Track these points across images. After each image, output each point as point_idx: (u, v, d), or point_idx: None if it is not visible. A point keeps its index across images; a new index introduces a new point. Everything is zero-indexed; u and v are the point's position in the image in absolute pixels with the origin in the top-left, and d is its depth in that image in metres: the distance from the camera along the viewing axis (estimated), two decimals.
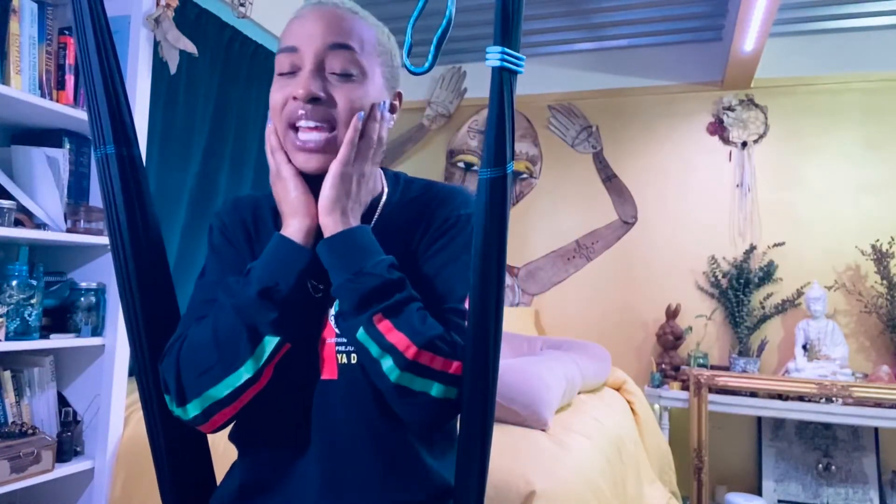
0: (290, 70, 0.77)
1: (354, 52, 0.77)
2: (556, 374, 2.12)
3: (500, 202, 0.68)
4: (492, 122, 0.68)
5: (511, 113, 0.68)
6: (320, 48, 0.76)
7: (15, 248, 1.72)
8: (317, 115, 0.75)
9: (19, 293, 1.61)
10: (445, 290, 0.78)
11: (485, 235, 0.68)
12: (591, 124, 3.52)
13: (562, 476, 1.55)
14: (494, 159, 0.68)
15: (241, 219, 0.87)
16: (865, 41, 3.07)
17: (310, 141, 0.76)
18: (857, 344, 3.00)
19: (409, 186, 0.89)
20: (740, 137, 3.24)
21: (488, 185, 0.68)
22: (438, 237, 0.81)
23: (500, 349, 0.70)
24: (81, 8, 0.74)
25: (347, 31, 0.77)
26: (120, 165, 0.74)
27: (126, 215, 0.74)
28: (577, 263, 3.49)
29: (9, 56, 1.61)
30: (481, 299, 0.68)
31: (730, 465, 3.09)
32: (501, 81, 0.67)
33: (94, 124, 0.74)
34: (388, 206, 0.85)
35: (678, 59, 3.36)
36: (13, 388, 1.66)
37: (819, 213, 3.11)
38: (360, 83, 0.78)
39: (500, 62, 0.67)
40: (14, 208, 1.60)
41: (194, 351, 0.73)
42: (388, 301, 0.71)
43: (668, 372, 3.07)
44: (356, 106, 0.77)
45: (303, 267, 0.73)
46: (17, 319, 1.61)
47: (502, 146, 0.68)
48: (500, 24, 0.67)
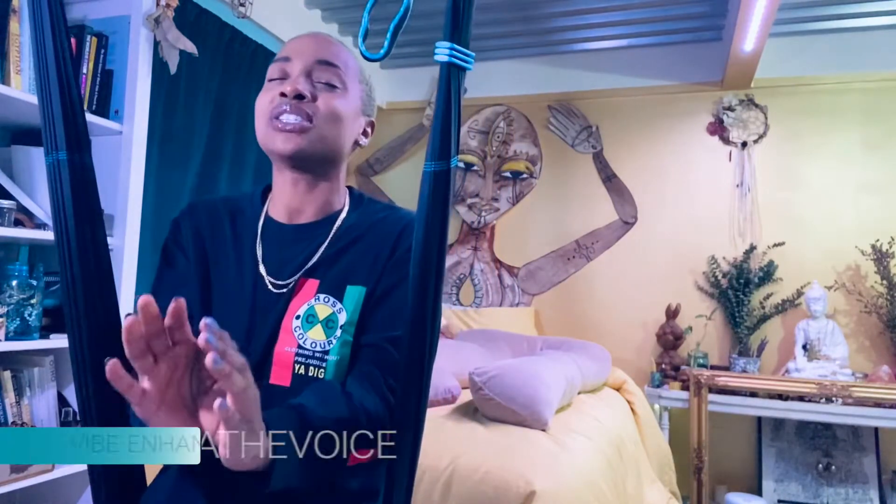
0: (280, 76, 0.86)
1: (339, 69, 0.88)
2: (556, 374, 2.12)
3: (443, 196, 0.69)
4: (438, 117, 0.69)
5: (458, 107, 0.69)
6: (310, 60, 0.86)
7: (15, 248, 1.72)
8: (299, 110, 0.83)
9: (19, 293, 1.61)
10: (395, 316, 0.81)
11: (426, 229, 0.69)
12: (591, 124, 3.52)
13: (562, 476, 1.55)
14: (440, 153, 0.69)
15: (195, 224, 0.92)
16: (865, 41, 3.07)
17: (289, 123, 0.83)
18: (857, 344, 3.00)
19: (371, 207, 0.94)
20: (740, 137, 3.24)
21: (431, 179, 0.69)
22: (403, 264, 0.82)
23: (435, 347, 0.72)
24: (40, 7, 0.72)
25: (335, 53, 0.89)
26: (72, 172, 0.71)
27: (75, 224, 0.71)
28: (577, 263, 3.49)
29: (9, 56, 1.61)
30: (420, 292, 0.70)
31: (730, 465, 3.08)
32: (449, 76, 0.69)
33: (47, 129, 0.72)
34: (346, 222, 0.90)
35: (678, 59, 3.36)
36: (13, 388, 1.66)
37: (819, 213, 3.11)
38: (342, 95, 0.87)
39: (448, 58, 0.68)
40: (14, 208, 1.60)
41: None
42: (356, 437, 0.73)
43: (668, 372, 3.07)
44: (336, 111, 0.86)
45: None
46: (17, 319, 1.61)
47: (447, 140, 0.69)
48: (450, 21, 0.68)
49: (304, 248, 0.87)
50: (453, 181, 0.71)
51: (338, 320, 0.83)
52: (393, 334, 0.81)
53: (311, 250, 0.87)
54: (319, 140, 0.85)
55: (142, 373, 0.60)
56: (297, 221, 0.90)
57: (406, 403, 0.72)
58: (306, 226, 0.90)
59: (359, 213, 0.92)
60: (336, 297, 0.84)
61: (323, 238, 0.88)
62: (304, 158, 0.85)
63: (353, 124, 0.90)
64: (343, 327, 0.83)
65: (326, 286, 0.85)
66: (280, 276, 0.87)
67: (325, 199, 0.91)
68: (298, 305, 0.84)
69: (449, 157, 0.69)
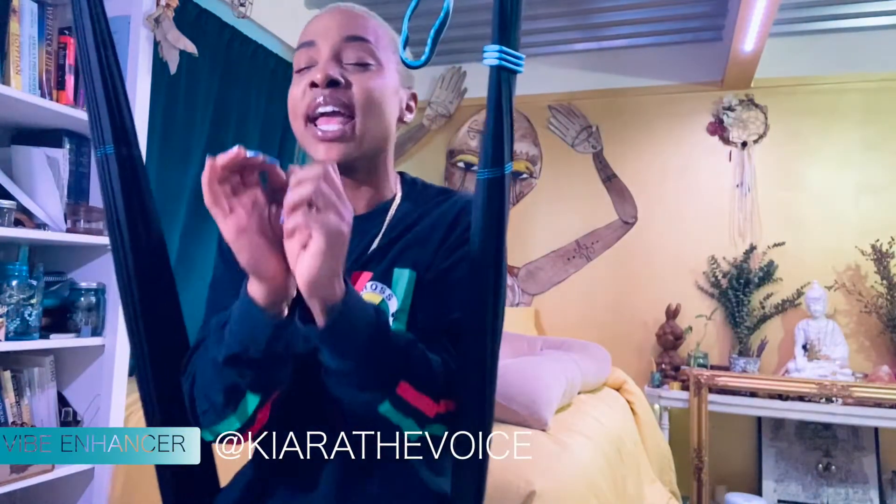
0: (308, 65, 0.78)
1: (370, 43, 0.79)
2: (556, 374, 2.12)
3: (499, 203, 0.66)
4: (490, 123, 0.67)
5: (510, 112, 0.67)
6: (337, 40, 0.77)
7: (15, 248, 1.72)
8: (335, 99, 0.75)
9: (19, 293, 1.61)
10: (454, 300, 0.76)
11: (482, 238, 0.66)
12: (591, 124, 3.52)
13: (562, 476, 1.55)
14: (493, 159, 0.66)
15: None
16: (865, 41, 3.07)
17: (330, 131, 0.76)
18: (857, 344, 3.00)
19: (425, 191, 0.88)
20: (740, 137, 3.24)
21: (486, 186, 0.67)
22: (457, 247, 0.79)
23: (498, 353, 0.69)
24: (81, 7, 0.73)
25: (363, 25, 0.80)
26: (120, 165, 0.73)
27: (126, 215, 0.73)
28: (577, 263, 3.49)
29: (9, 56, 1.61)
30: (478, 306, 0.67)
31: (730, 465, 3.08)
32: (500, 81, 0.66)
33: (93, 124, 0.73)
34: (399, 211, 0.84)
35: (678, 59, 3.36)
36: (13, 388, 1.66)
37: (819, 214, 3.11)
38: (377, 73, 0.79)
39: (497, 61, 0.65)
40: (14, 208, 1.60)
41: (197, 388, 0.71)
42: (411, 369, 0.67)
43: (668, 372, 3.07)
44: (374, 94, 0.77)
45: (271, 334, 0.64)
46: (17, 319, 1.61)
47: (500, 146, 0.66)
48: (497, 23, 0.66)
49: (359, 243, 0.81)
50: (508, 187, 0.68)
51: (387, 308, 0.77)
52: (448, 319, 0.75)
53: (366, 244, 0.81)
54: (364, 140, 0.78)
55: (225, 200, 0.63)
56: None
57: (470, 408, 0.70)
58: (358, 219, 0.79)
59: (413, 201, 0.85)
60: (383, 282, 0.78)
61: (376, 230, 0.82)
62: (350, 164, 0.79)
63: (394, 103, 0.82)
64: (395, 315, 0.77)
65: (378, 276, 0.80)
66: None
67: (375, 191, 0.84)
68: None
69: (503, 163, 0.66)
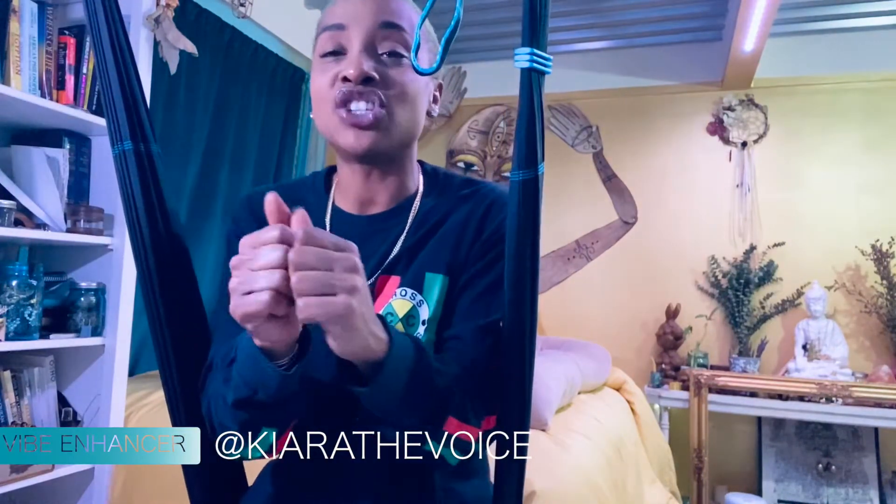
0: (336, 50, 0.72)
1: (405, 32, 0.74)
2: (556, 374, 2.12)
3: (533, 204, 0.67)
4: (522, 124, 0.66)
5: (541, 113, 0.66)
6: (371, 26, 0.72)
7: (15, 248, 1.72)
8: (368, 95, 0.70)
9: (19, 293, 1.61)
10: (491, 304, 0.74)
11: (518, 239, 0.67)
12: (591, 124, 3.52)
13: (562, 476, 1.55)
14: (526, 160, 0.66)
15: (258, 218, 0.79)
16: (865, 41, 3.07)
17: (362, 115, 0.70)
18: (857, 344, 3.00)
19: (448, 183, 0.83)
20: (740, 137, 3.24)
21: (520, 188, 0.66)
22: (491, 247, 0.76)
23: (534, 352, 0.70)
24: (95, 4, 0.72)
25: (398, 10, 0.74)
26: (138, 162, 0.72)
27: (146, 212, 0.72)
28: (577, 263, 3.49)
29: (9, 56, 1.61)
30: (516, 306, 0.67)
31: (730, 465, 3.08)
32: (531, 82, 0.66)
33: (110, 121, 0.73)
34: (423, 206, 0.80)
35: (678, 59, 3.36)
36: (13, 388, 1.66)
37: (819, 213, 3.11)
38: (411, 66, 0.73)
39: (529, 63, 0.65)
40: (14, 208, 1.60)
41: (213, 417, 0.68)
42: (457, 404, 0.66)
43: (668, 372, 3.07)
44: (408, 89, 0.73)
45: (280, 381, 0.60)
46: (17, 319, 1.61)
47: (533, 147, 0.66)
48: (528, 25, 0.65)
49: (383, 241, 0.78)
50: (541, 188, 0.67)
51: (419, 315, 0.74)
52: (484, 322, 0.73)
53: (390, 242, 0.78)
54: (396, 130, 0.73)
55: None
56: (370, 212, 0.80)
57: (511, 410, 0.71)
58: (380, 216, 0.79)
59: (437, 194, 0.81)
60: (415, 289, 0.75)
61: (401, 228, 0.78)
62: (378, 154, 0.74)
63: (425, 96, 0.78)
64: (426, 323, 0.74)
65: (407, 280, 0.76)
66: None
67: (400, 184, 0.80)
68: (380, 306, 0.75)
69: (536, 164, 0.66)
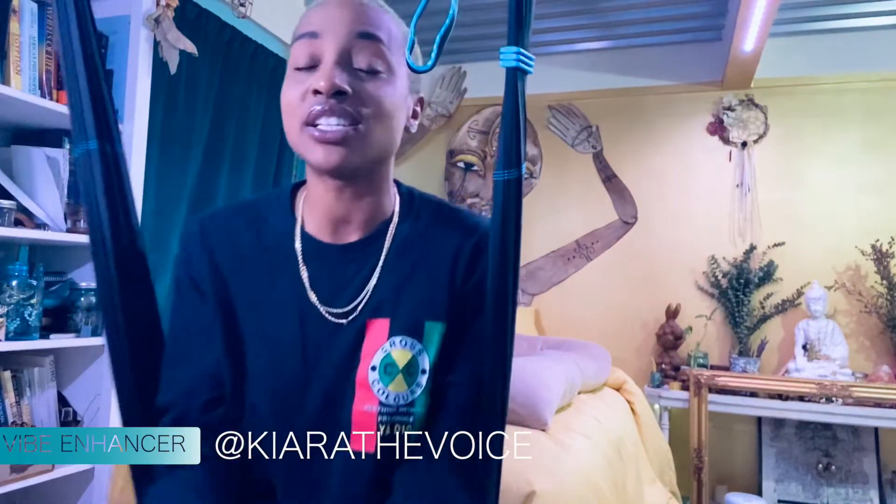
0: (309, 63, 0.69)
1: (383, 44, 0.69)
2: (556, 374, 2.12)
3: (516, 204, 0.66)
4: (506, 123, 0.65)
5: (524, 113, 0.66)
6: (346, 36, 0.68)
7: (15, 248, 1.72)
8: (340, 110, 0.66)
9: (19, 293, 1.61)
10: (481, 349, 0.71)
11: (502, 238, 0.66)
12: (591, 124, 3.52)
13: (562, 476, 1.55)
14: (511, 161, 0.65)
15: (209, 249, 0.75)
16: (865, 41, 3.07)
17: (331, 131, 0.66)
18: (857, 344, 3.00)
19: (426, 209, 0.79)
20: (740, 137, 3.24)
21: (504, 188, 0.66)
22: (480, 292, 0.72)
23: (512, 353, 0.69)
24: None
25: (376, 21, 0.70)
26: (103, 162, 0.67)
27: (109, 216, 0.67)
28: (577, 263, 3.49)
29: (9, 56, 1.61)
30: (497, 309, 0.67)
31: (730, 465, 3.08)
32: (515, 82, 0.65)
33: (75, 118, 0.68)
34: (400, 232, 0.76)
35: (678, 59, 3.36)
36: (13, 388, 1.66)
37: (819, 214, 3.11)
38: (388, 80, 0.70)
39: (515, 62, 0.64)
40: (14, 208, 1.60)
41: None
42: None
43: (668, 372, 3.07)
44: (386, 106, 0.69)
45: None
46: (17, 319, 1.61)
47: (517, 147, 0.65)
48: (513, 24, 0.64)
49: (358, 270, 0.74)
50: (522, 188, 0.67)
51: (419, 365, 0.71)
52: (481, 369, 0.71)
53: (367, 271, 0.74)
54: (369, 147, 0.69)
55: None
56: (344, 238, 0.75)
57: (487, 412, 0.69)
58: (355, 245, 0.75)
59: (413, 219, 0.77)
60: (414, 337, 0.72)
61: (376, 256, 0.74)
62: (350, 171, 0.70)
63: (403, 112, 0.74)
64: (426, 372, 0.72)
65: (400, 325, 0.72)
66: (335, 304, 0.73)
67: (376, 205, 0.75)
68: (372, 352, 0.71)
69: (520, 164, 0.66)
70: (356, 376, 0.71)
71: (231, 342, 0.73)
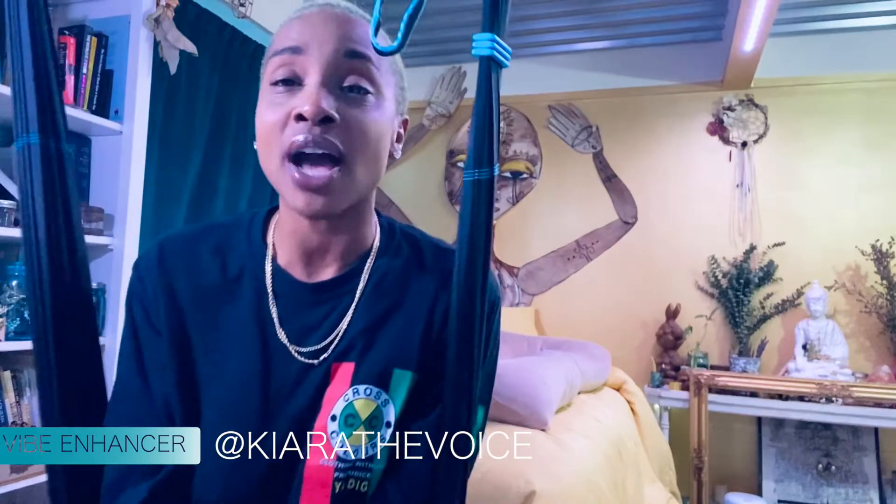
0: (289, 78, 0.62)
1: (372, 63, 0.64)
2: (556, 374, 2.12)
3: (487, 207, 0.58)
4: (478, 118, 0.58)
5: (497, 109, 0.59)
6: (333, 54, 0.62)
7: (15, 248, 1.72)
8: (326, 141, 0.60)
9: (19, 293, 1.61)
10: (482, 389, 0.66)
11: (469, 247, 0.58)
12: (591, 124, 3.52)
13: (562, 476, 1.55)
14: (482, 159, 0.58)
15: (166, 279, 0.68)
16: (865, 41, 3.07)
17: (315, 178, 0.60)
18: (857, 344, 3.00)
19: (405, 243, 0.73)
20: (740, 137, 3.24)
21: (474, 188, 0.58)
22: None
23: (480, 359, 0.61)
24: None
25: (365, 38, 0.64)
26: (44, 159, 0.59)
27: (45, 217, 0.58)
28: (577, 263, 3.49)
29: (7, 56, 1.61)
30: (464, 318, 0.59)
31: (730, 465, 3.08)
32: (489, 73, 0.57)
33: (17, 108, 0.59)
34: (376, 269, 0.70)
35: (678, 59, 3.36)
36: (13, 388, 1.66)
37: (819, 213, 3.11)
38: (376, 104, 0.64)
39: (489, 50, 0.57)
40: (14, 208, 1.60)
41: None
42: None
43: (668, 372, 3.07)
44: (370, 133, 0.63)
45: None
46: (17, 319, 1.61)
47: (490, 144, 0.58)
48: (489, 9, 0.57)
49: (330, 310, 0.68)
50: (494, 190, 0.60)
51: (384, 416, 0.64)
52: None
53: (339, 313, 0.68)
54: (354, 189, 0.64)
55: None
56: (318, 273, 0.69)
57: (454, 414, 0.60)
58: (329, 284, 0.69)
59: (392, 255, 0.71)
60: (379, 386, 0.65)
61: (350, 296, 0.68)
62: (334, 216, 0.65)
63: (388, 137, 0.68)
64: (391, 425, 0.64)
65: (366, 371, 0.65)
66: (304, 344, 0.67)
67: (354, 237, 0.70)
68: (333, 399, 0.64)
69: (492, 162, 0.58)
70: (315, 425, 0.64)
71: (184, 386, 0.65)
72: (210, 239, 0.71)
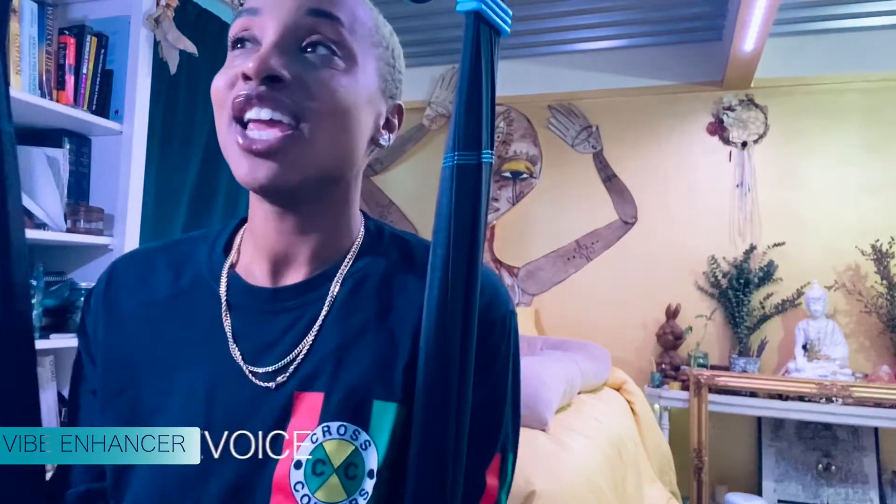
0: (245, 38, 0.54)
1: (342, 24, 0.53)
2: (556, 374, 2.12)
3: (472, 199, 0.48)
4: (462, 92, 0.48)
5: (490, 79, 0.48)
6: (292, 13, 0.52)
7: None
8: (274, 102, 0.50)
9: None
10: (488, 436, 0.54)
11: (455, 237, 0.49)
12: (591, 124, 3.52)
13: (562, 476, 1.55)
14: (464, 141, 0.48)
15: (109, 299, 0.60)
16: (865, 41, 3.07)
17: (259, 140, 0.50)
18: (857, 344, 3.00)
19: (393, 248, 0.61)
20: (740, 137, 3.24)
21: (453, 175, 0.48)
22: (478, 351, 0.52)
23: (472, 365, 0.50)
24: None
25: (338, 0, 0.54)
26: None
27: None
28: (577, 263, 3.49)
29: (9, 56, 1.61)
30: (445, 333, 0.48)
31: (730, 465, 3.08)
32: (478, 33, 0.47)
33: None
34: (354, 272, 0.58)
35: (678, 59, 3.36)
36: None
37: (819, 213, 3.11)
38: (346, 70, 0.53)
39: (477, 3, 0.45)
40: None
41: None
42: None
43: (668, 372, 3.07)
44: (335, 98, 0.52)
45: None
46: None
47: (477, 124, 0.48)
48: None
49: (293, 321, 0.56)
50: (484, 181, 0.49)
51: (363, 463, 0.50)
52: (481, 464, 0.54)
53: (304, 324, 0.55)
54: (312, 157, 0.52)
55: None
56: (281, 280, 0.58)
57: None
58: (292, 289, 0.57)
59: (374, 259, 0.58)
60: (357, 423, 0.51)
61: (319, 304, 0.56)
62: (287, 191, 0.53)
63: (367, 115, 0.56)
64: (374, 475, 0.50)
65: (338, 403, 0.52)
66: (261, 363, 0.54)
67: (328, 239, 0.58)
68: (298, 440, 0.51)
69: (479, 147, 0.48)
70: (274, 474, 0.50)
71: (116, 413, 0.57)
72: (171, 253, 0.62)
